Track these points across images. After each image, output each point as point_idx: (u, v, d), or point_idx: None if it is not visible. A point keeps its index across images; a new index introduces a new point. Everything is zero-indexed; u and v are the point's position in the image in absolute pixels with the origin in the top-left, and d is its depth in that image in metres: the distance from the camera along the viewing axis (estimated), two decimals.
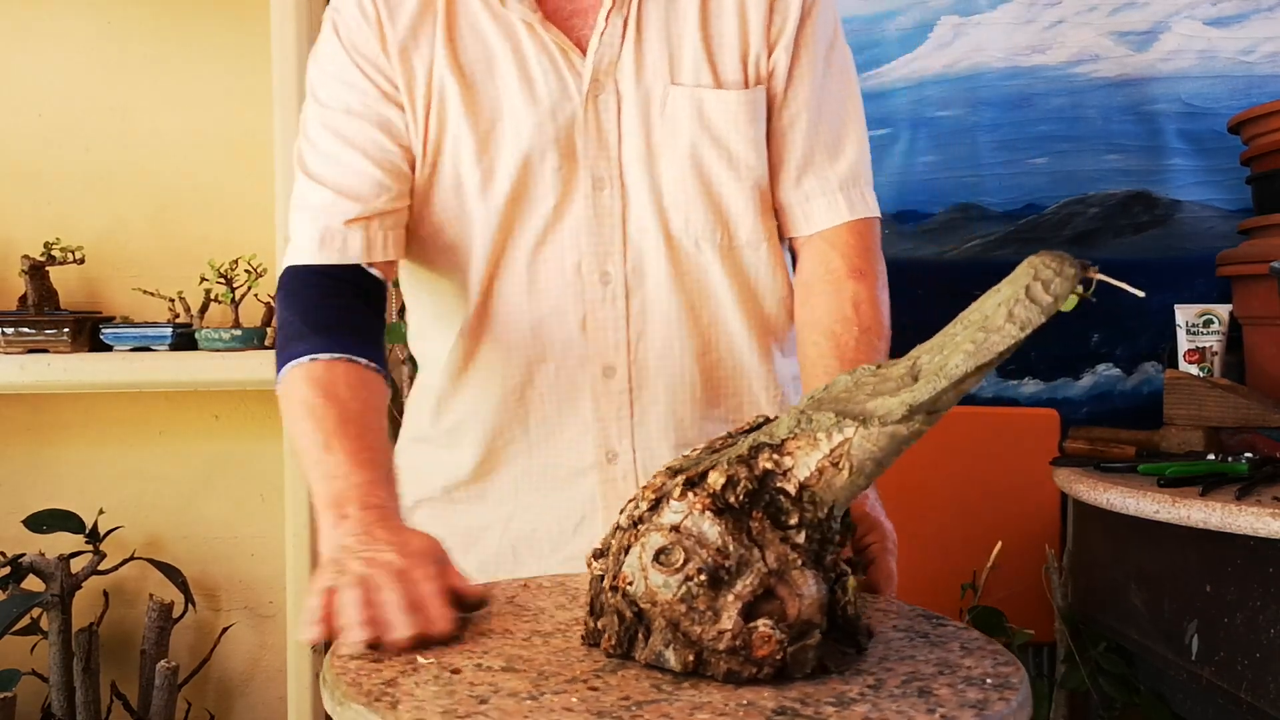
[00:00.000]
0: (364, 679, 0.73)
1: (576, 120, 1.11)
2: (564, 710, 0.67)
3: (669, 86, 1.12)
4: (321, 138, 1.12)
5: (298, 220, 1.13)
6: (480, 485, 1.19)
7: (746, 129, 1.14)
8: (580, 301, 1.13)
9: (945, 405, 0.71)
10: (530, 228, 1.12)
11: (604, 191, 1.12)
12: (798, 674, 0.72)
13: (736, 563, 0.73)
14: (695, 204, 1.14)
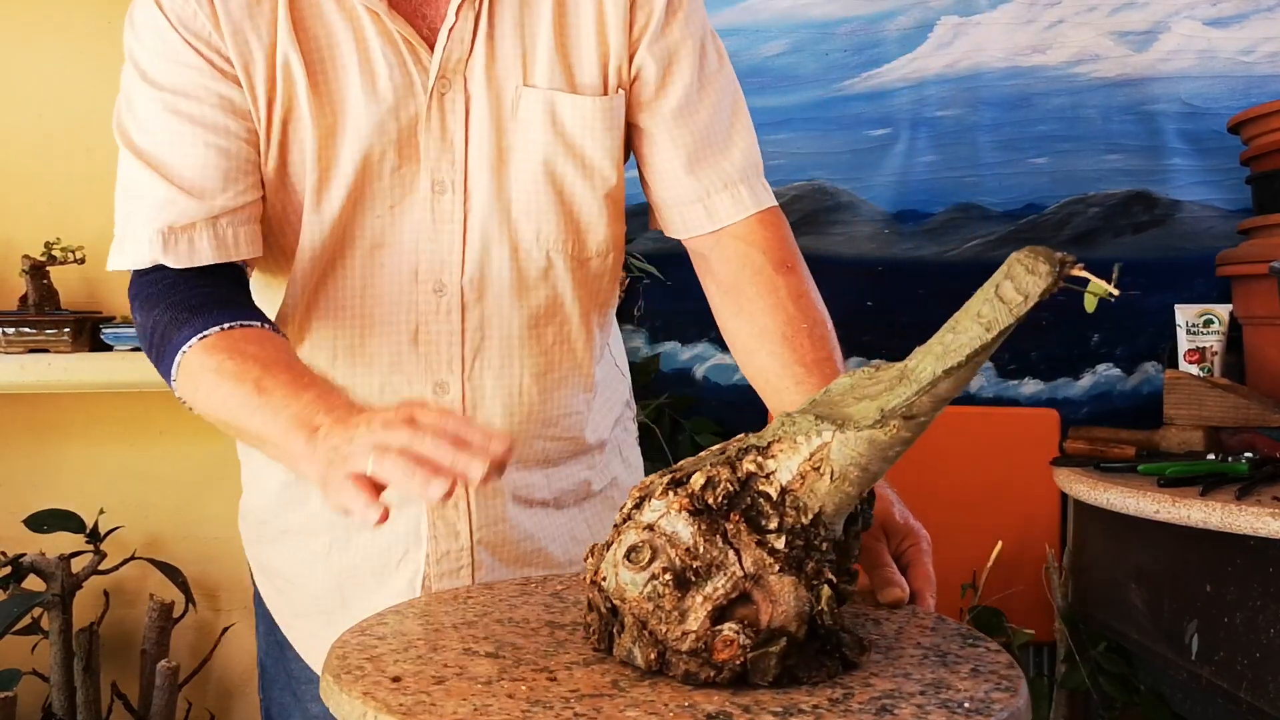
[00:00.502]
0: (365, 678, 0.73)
1: (420, 119, 1.02)
2: (506, 697, 0.68)
3: (521, 88, 1.04)
4: (157, 120, 1.00)
5: (133, 212, 1.01)
6: (295, 512, 1.12)
7: (602, 137, 1.07)
8: (413, 312, 1.05)
9: (923, 410, 0.69)
10: (366, 229, 1.04)
11: (444, 196, 1.04)
12: (759, 681, 0.71)
13: (707, 564, 0.72)
14: (547, 214, 1.07)
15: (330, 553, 1.11)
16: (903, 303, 2.28)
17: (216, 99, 1.00)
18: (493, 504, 1.10)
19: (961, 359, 0.66)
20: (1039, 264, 0.64)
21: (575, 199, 1.08)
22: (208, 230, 1.00)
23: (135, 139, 1.01)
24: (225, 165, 1.00)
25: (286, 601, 1.17)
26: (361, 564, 1.10)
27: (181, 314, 0.97)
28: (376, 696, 0.68)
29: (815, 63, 2.30)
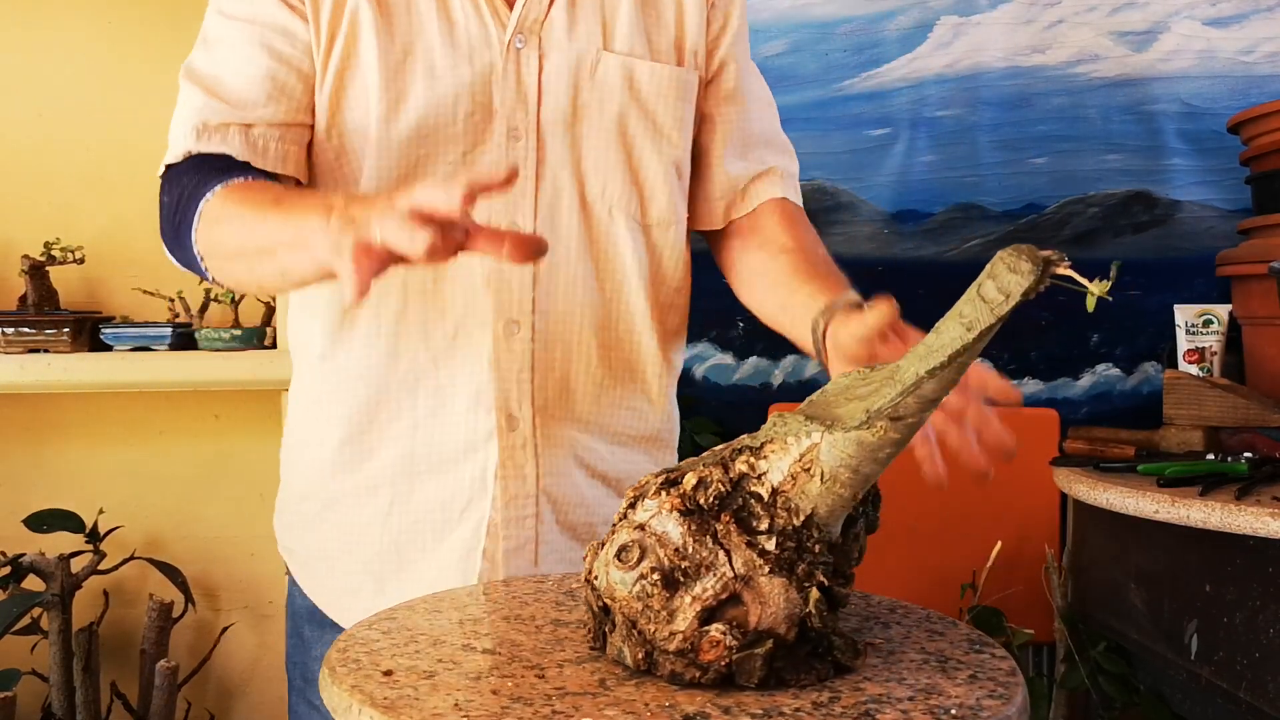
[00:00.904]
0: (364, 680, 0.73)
1: (495, 70, 1.07)
2: (490, 693, 0.69)
3: (601, 52, 1.11)
4: (219, 44, 1.07)
5: (176, 123, 1.07)
6: (354, 473, 1.12)
7: (674, 105, 1.14)
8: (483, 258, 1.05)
9: (910, 411, 0.68)
10: (436, 173, 1.06)
11: (518, 143, 1.08)
12: (745, 682, 0.71)
13: (696, 565, 0.72)
14: (615, 172, 1.12)
15: (391, 510, 1.11)
16: (903, 303, 2.26)
17: (278, 26, 1.05)
18: (557, 453, 1.12)
19: (944, 359, 0.66)
20: (1021, 262, 0.63)
21: (642, 161, 1.13)
22: (240, 133, 1.04)
23: (195, 65, 1.08)
24: (270, 85, 1.05)
25: (333, 583, 1.16)
26: (423, 518, 1.11)
27: (208, 176, 1.01)
28: (364, 690, 0.69)
29: (815, 62, 2.30)
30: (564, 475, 1.12)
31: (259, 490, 2.36)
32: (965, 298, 0.65)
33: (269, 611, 2.38)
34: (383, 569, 1.11)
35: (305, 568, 1.20)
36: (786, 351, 2.28)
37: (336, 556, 1.14)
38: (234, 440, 2.35)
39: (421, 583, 1.08)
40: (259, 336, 2.16)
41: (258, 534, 2.36)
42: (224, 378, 2.11)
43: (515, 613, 0.87)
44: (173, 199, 1.05)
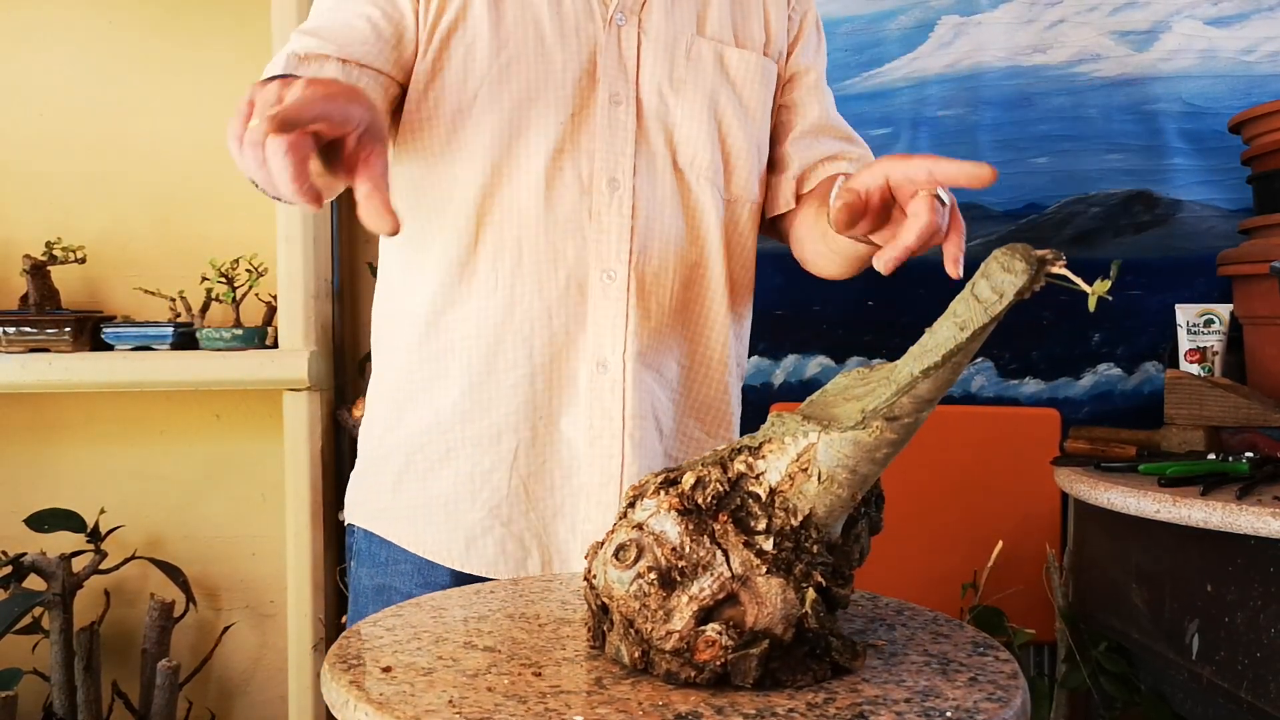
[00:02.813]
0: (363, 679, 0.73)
1: (599, 41, 1.15)
2: (485, 690, 0.69)
3: (695, 36, 1.20)
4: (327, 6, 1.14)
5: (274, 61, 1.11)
6: (482, 420, 1.16)
7: (759, 89, 1.23)
8: (589, 208, 1.15)
9: (906, 411, 0.68)
10: (546, 134, 1.13)
11: (620, 107, 1.16)
12: (740, 682, 0.71)
13: (693, 564, 0.71)
14: (705, 143, 1.19)
15: (516, 455, 1.16)
16: (903, 303, 2.28)
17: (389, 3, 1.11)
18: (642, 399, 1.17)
19: (938, 359, 0.65)
20: (1015, 262, 0.62)
21: (730, 136, 1.21)
22: (336, 64, 1.09)
23: (310, 19, 1.13)
24: (370, 31, 1.11)
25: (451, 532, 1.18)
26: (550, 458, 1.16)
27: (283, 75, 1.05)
28: (361, 686, 0.69)
29: None
30: (643, 418, 1.17)
31: (260, 490, 2.36)
32: (960, 297, 0.65)
33: (270, 611, 2.38)
34: (511, 511, 1.16)
35: (411, 522, 1.20)
36: (787, 351, 2.28)
37: (457, 503, 1.17)
38: (235, 440, 2.35)
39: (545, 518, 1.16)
40: (260, 336, 2.16)
41: (259, 533, 2.36)
42: (225, 377, 2.11)
43: (520, 611, 0.87)
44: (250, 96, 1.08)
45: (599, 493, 1.15)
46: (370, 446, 1.25)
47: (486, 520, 1.16)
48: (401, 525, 1.20)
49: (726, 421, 1.28)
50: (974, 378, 2.31)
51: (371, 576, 1.23)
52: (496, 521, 1.16)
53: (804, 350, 2.28)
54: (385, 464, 1.22)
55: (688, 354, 1.22)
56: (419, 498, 1.19)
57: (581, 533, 1.16)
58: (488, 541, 1.16)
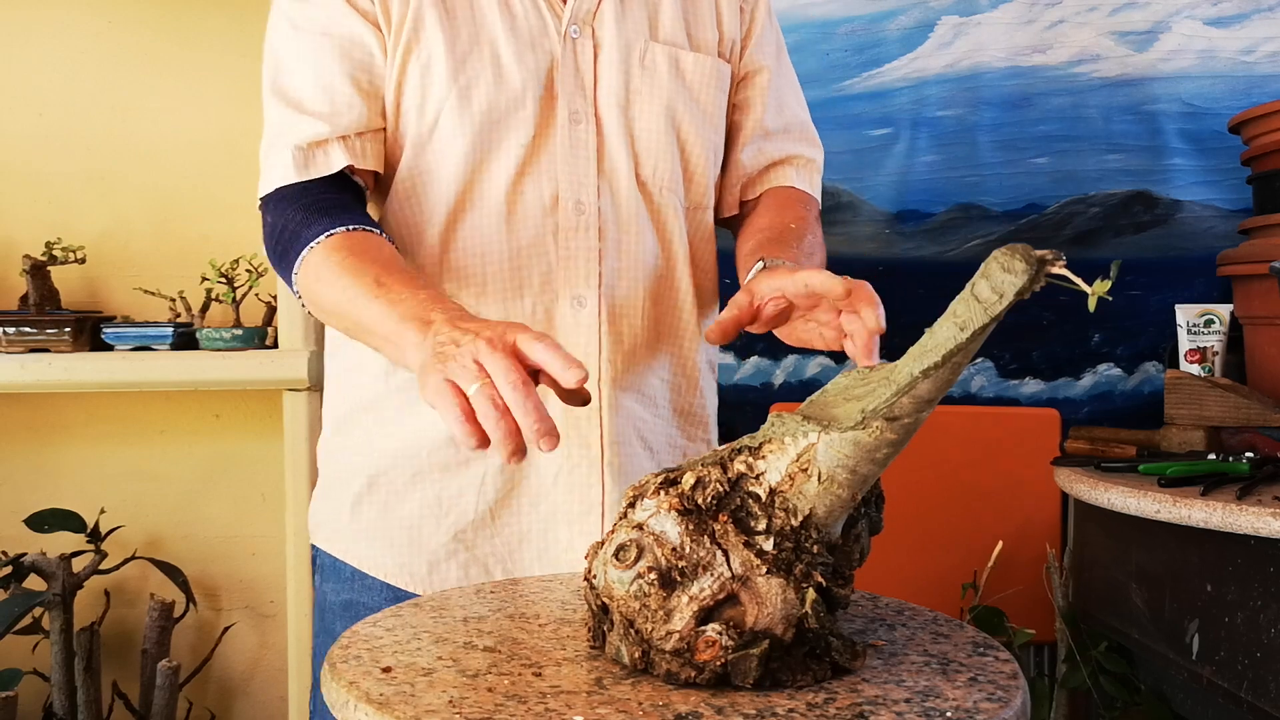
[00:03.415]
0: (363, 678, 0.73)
1: (555, 57, 1.14)
2: (485, 690, 0.69)
3: (649, 42, 1.18)
4: (296, 57, 1.12)
5: (271, 145, 1.11)
6: (450, 446, 1.15)
7: (715, 94, 1.22)
8: (556, 232, 1.13)
9: (906, 411, 0.68)
10: (508, 156, 1.12)
11: (580, 126, 1.14)
12: (740, 683, 0.70)
13: (693, 564, 0.71)
14: (665, 154, 1.18)
15: (484, 480, 1.15)
16: (903, 303, 2.26)
17: (353, 36, 1.11)
18: (621, 424, 1.16)
19: (938, 359, 0.65)
20: (1015, 262, 0.62)
21: (689, 144, 1.20)
22: (339, 144, 1.10)
23: (276, 80, 1.13)
24: (353, 91, 1.11)
25: (415, 556, 1.16)
26: (518, 484, 1.15)
27: (311, 215, 1.06)
28: (361, 686, 0.69)
29: (816, 62, 2.30)
30: (624, 444, 1.17)
31: (260, 490, 2.36)
32: (960, 298, 0.65)
33: (270, 611, 2.38)
34: (476, 536, 1.15)
35: (370, 545, 1.18)
36: (787, 351, 2.28)
37: (421, 527, 1.16)
38: (235, 440, 2.35)
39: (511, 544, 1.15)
40: (260, 336, 2.16)
41: (259, 534, 2.36)
42: (225, 377, 2.11)
43: (520, 611, 0.87)
44: (277, 224, 1.10)
45: (580, 521, 1.14)
46: (332, 466, 1.24)
47: (451, 545, 1.15)
48: (360, 548, 1.19)
49: (705, 423, 1.28)
50: (974, 378, 2.31)
51: (338, 592, 1.21)
52: (460, 546, 1.15)
53: (804, 350, 2.28)
54: (345, 485, 1.20)
55: (667, 368, 1.22)
56: (379, 521, 1.18)
57: (550, 558, 1.15)
58: (451, 565, 1.15)
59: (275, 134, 1.11)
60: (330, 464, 1.24)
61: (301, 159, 1.09)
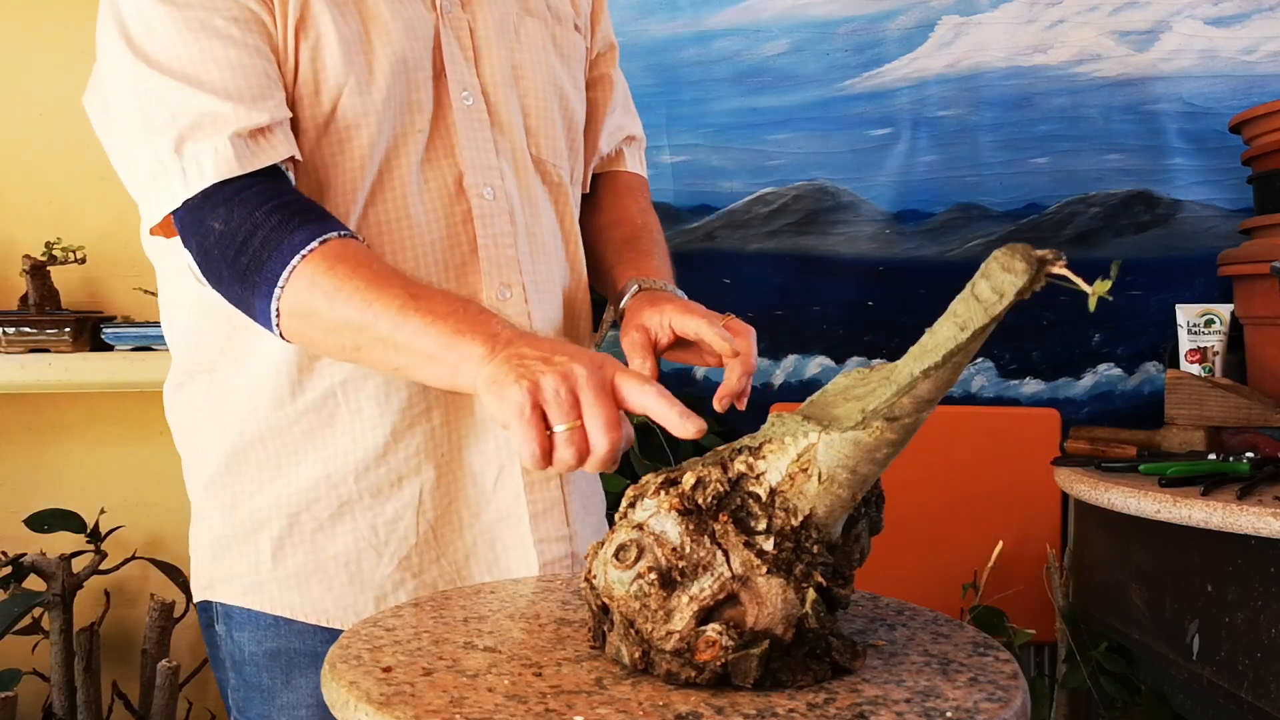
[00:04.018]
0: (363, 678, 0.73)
1: (439, 32, 1.06)
2: (485, 690, 0.69)
3: (522, 15, 1.13)
4: (184, 39, 0.95)
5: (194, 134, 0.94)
6: (379, 467, 1.05)
7: (582, 69, 1.20)
8: (467, 222, 1.06)
9: (906, 411, 0.67)
10: (411, 143, 1.03)
11: (472, 105, 1.08)
12: (740, 683, 0.70)
13: (694, 564, 0.71)
14: (555, 129, 1.15)
15: (422, 498, 1.06)
16: (903, 303, 2.28)
17: (241, 9, 0.97)
18: None
19: (938, 359, 0.65)
20: (1015, 262, 0.62)
21: (574, 119, 1.17)
22: (280, 131, 0.97)
23: (157, 53, 0.96)
24: (269, 77, 0.97)
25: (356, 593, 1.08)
26: (457, 497, 1.08)
27: (287, 217, 0.92)
28: (361, 686, 0.69)
29: (816, 62, 2.30)
30: None
31: None
32: (960, 297, 0.65)
33: None
34: (422, 560, 1.07)
35: (302, 590, 1.08)
36: (787, 351, 2.28)
37: (360, 562, 1.07)
38: None
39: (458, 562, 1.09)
40: None
41: None
42: None
43: (519, 611, 0.87)
44: (236, 230, 0.93)
45: (544, 518, 1.09)
46: (232, 515, 1.10)
47: (397, 575, 1.07)
48: (291, 595, 1.08)
49: None
50: (974, 378, 2.31)
51: (259, 642, 1.09)
52: (407, 574, 1.07)
53: (804, 350, 2.28)
54: (258, 531, 1.08)
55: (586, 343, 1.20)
56: (310, 562, 1.07)
57: (502, 567, 1.09)
58: (400, 596, 1.07)
59: (184, 121, 0.94)
60: (227, 511, 1.10)
61: (244, 148, 0.93)
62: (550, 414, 0.79)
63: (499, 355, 0.83)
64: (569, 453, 0.78)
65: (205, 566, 1.13)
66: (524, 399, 0.78)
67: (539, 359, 0.81)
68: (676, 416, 0.78)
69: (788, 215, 2.26)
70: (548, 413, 0.79)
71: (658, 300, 1.08)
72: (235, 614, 1.11)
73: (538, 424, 0.78)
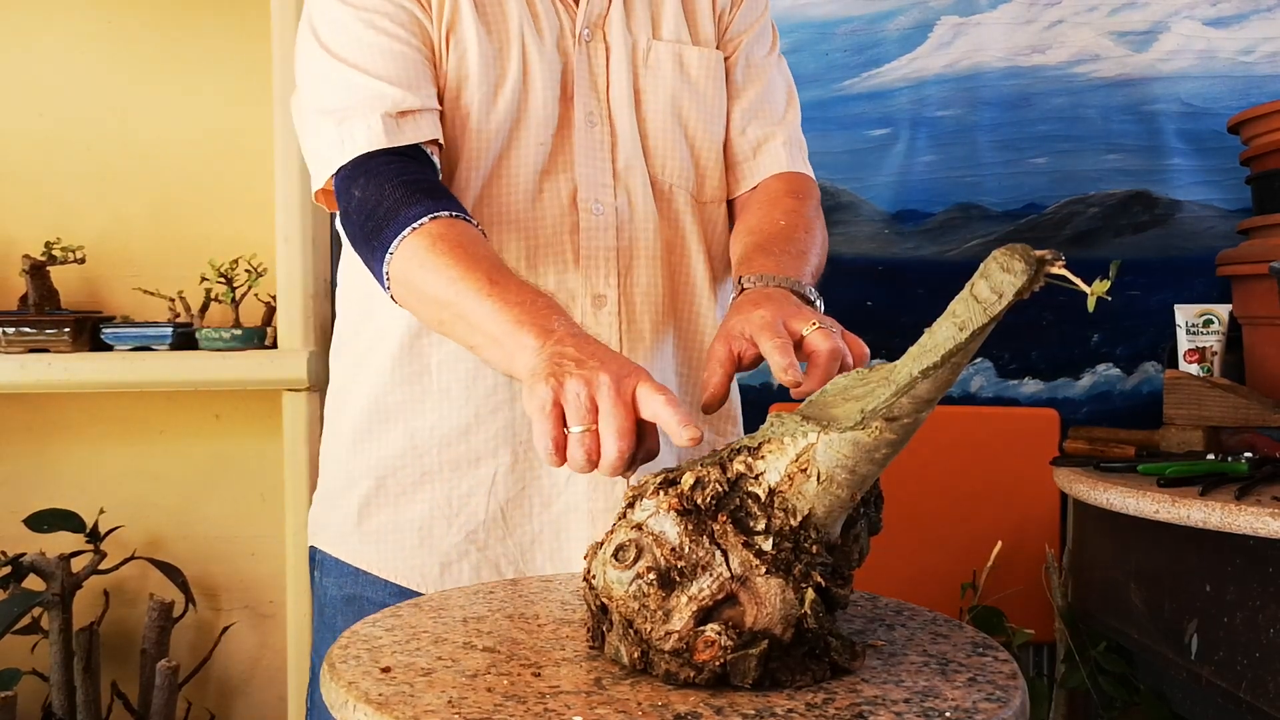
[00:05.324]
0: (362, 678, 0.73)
1: (571, 59, 1.16)
2: (485, 690, 0.69)
3: (651, 41, 1.20)
4: (362, 32, 1.10)
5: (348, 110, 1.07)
6: (459, 444, 1.15)
7: (719, 86, 1.24)
8: (575, 231, 1.14)
9: (905, 411, 0.67)
10: (531, 154, 1.13)
11: (595, 128, 1.16)
12: (739, 683, 0.70)
13: (693, 564, 0.71)
14: (674, 150, 1.20)
15: (495, 480, 1.14)
16: (903, 303, 2.28)
17: (407, 15, 1.11)
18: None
19: (937, 359, 0.65)
20: (1014, 262, 0.62)
21: (697, 139, 1.22)
22: (429, 116, 1.09)
23: (335, 47, 1.10)
24: (423, 72, 1.10)
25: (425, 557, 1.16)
26: (530, 485, 1.15)
27: (411, 193, 1.02)
28: (360, 686, 0.69)
29: (815, 62, 2.30)
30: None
31: (259, 490, 2.36)
32: (959, 297, 0.65)
33: (269, 611, 2.38)
34: (488, 536, 1.15)
35: (379, 547, 1.18)
36: None
37: (432, 528, 1.16)
38: (234, 440, 2.35)
39: (523, 544, 1.15)
40: (259, 336, 2.16)
41: (258, 534, 2.36)
42: (224, 377, 2.11)
43: (519, 611, 0.87)
44: (368, 199, 1.04)
45: (603, 518, 1.15)
46: (334, 468, 1.23)
47: (463, 545, 1.15)
48: (369, 550, 1.18)
49: (731, 416, 1.28)
50: (973, 378, 2.31)
51: (340, 587, 1.20)
52: (473, 546, 1.15)
53: None
54: (352, 487, 1.19)
55: (683, 362, 1.22)
56: (390, 522, 1.17)
57: (563, 559, 1.15)
58: (463, 566, 1.15)
59: (349, 101, 1.08)
60: (334, 466, 1.23)
61: (394, 126, 1.06)
62: (569, 414, 0.82)
63: (545, 351, 0.87)
64: (579, 453, 0.81)
65: (314, 514, 1.26)
66: (548, 396, 0.82)
67: (574, 361, 0.84)
68: (676, 424, 0.80)
69: None
70: (566, 413, 0.82)
71: (754, 303, 1.00)
72: (327, 561, 1.22)
73: (556, 421, 0.82)
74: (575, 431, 0.81)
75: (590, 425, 0.81)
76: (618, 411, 0.81)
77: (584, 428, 0.81)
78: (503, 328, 0.91)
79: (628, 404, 0.81)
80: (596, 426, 0.81)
